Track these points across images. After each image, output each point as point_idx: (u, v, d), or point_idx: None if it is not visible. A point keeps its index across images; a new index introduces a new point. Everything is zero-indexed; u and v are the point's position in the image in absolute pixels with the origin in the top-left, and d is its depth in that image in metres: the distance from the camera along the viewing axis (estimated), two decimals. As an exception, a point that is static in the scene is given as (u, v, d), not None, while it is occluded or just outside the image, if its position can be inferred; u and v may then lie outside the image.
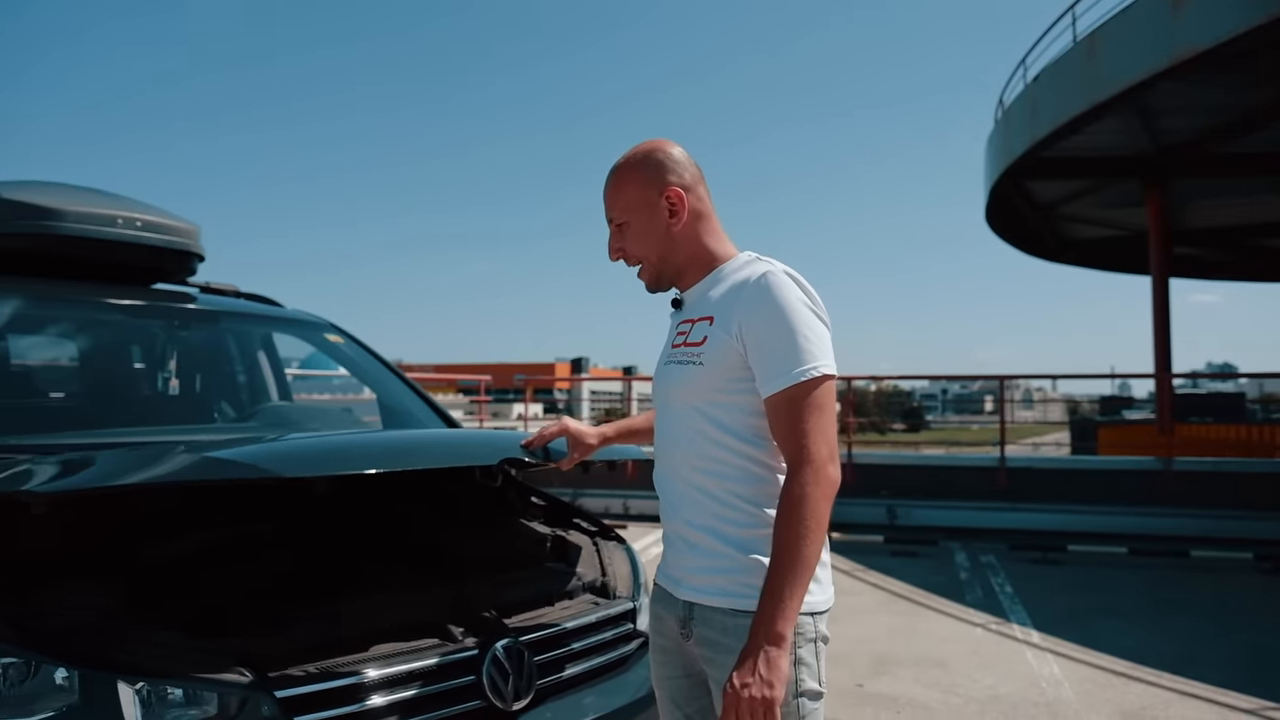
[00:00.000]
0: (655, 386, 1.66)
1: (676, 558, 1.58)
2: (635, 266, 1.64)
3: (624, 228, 1.61)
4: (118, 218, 2.86)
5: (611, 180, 1.62)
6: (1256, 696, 4.04)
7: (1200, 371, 43.55)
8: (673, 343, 1.62)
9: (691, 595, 1.53)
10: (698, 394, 1.53)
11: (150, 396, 3.02)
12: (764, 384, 1.46)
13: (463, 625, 1.83)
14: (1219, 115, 11.33)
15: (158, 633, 1.57)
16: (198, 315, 3.15)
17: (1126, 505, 8.49)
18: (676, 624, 1.57)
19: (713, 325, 1.53)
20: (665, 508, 1.62)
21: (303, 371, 8.99)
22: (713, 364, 1.51)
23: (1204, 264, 19.98)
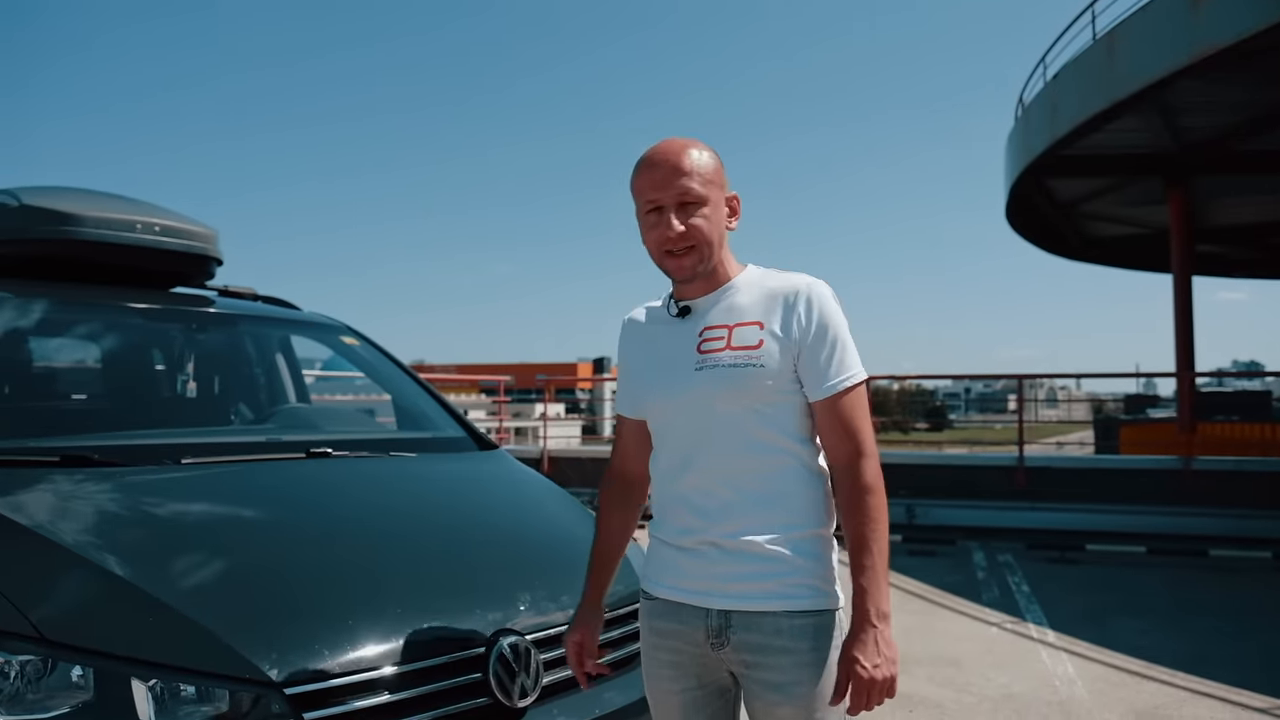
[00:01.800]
0: (674, 394, 1.59)
1: (705, 567, 1.56)
2: (682, 250, 1.57)
3: (693, 206, 1.55)
4: (137, 223, 2.94)
5: (694, 156, 1.56)
6: (1270, 695, 4.02)
7: (1225, 370, 43.04)
8: (699, 348, 1.58)
9: (731, 603, 1.53)
10: (757, 396, 1.54)
11: (170, 399, 3.10)
12: (820, 386, 1.54)
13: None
14: (1240, 112, 11.22)
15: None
16: (216, 318, 3.21)
17: (1145, 504, 8.43)
18: (704, 635, 1.56)
19: (764, 330, 1.55)
20: (688, 518, 1.58)
21: (326, 373, 9.10)
22: (771, 366, 1.53)
23: (1228, 261, 19.76)
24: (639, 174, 1.60)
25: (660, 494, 1.66)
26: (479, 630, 1.86)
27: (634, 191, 1.61)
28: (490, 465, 2.86)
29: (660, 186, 1.55)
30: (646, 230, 1.60)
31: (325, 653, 1.65)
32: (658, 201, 1.56)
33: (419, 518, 2.31)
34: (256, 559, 1.93)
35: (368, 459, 2.64)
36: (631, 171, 1.63)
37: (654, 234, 1.58)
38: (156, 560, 1.83)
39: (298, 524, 2.15)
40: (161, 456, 2.28)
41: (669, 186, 1.55)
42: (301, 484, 2.36)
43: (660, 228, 1.56)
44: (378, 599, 1.84)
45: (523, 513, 2.56)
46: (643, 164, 1.60)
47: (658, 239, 1.58)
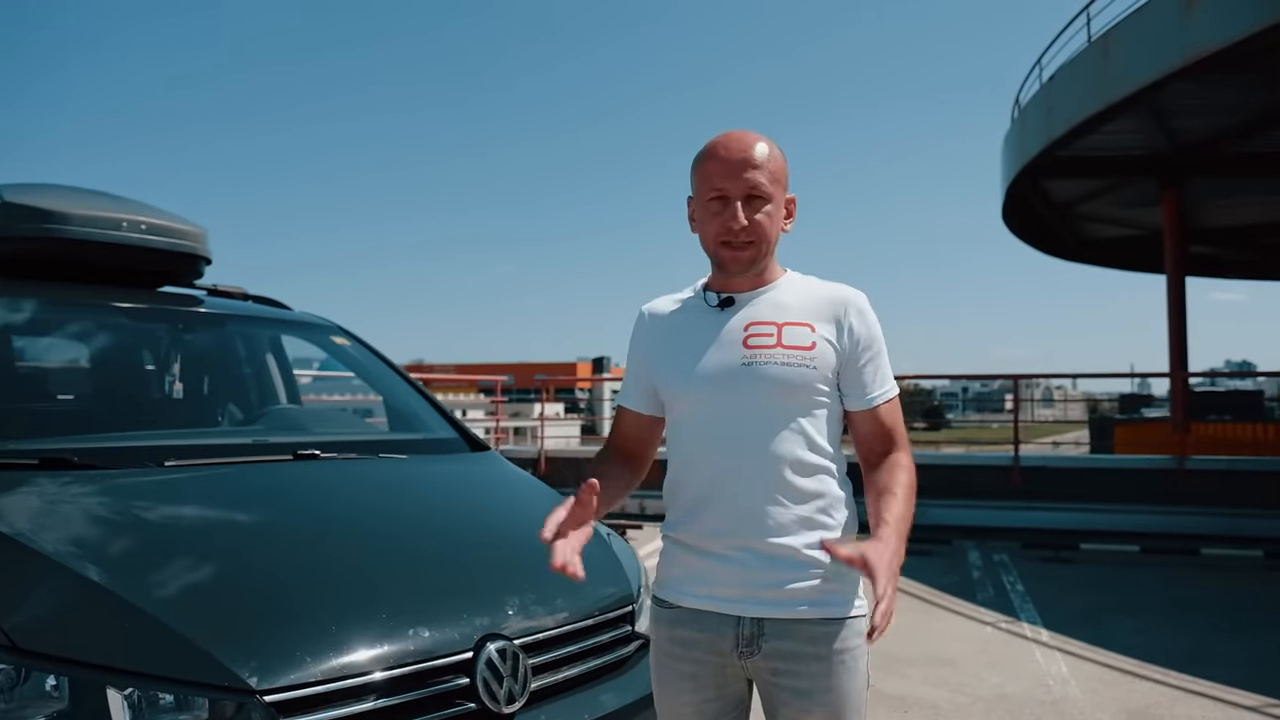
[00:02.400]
0: (717, 388, 1.54)
1: (738, 574, 1.51)
2: (741, 243, 1.54)
3: (759, 201, 1.53)
4: (123, 221, 2.90)
5: (765, 151, 1.54)
6: (1261, 694, 4.01)
7: (1219, 370, 43.15)
8: (746, 342, 1.55)
9: (767, 610, 1.50)
10: (806, 399, 1.53)
11: (157, 400, 3.07)
12: (865, 396, 1.57)
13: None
14: (1234, 115, 11.23)
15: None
16: (204, 318, 3.19)
17: (1139, 504, 8.44)
18: (733, 643, 1.52)
19: (815, 333, 1.55)
20: (720, 520, 1.53)
21: (322, 373, 9.06)
22: (822, 369, 1.53)
23: (1222, 263, 19.79)
24: (708, 160, 1.56)
25: (686, 492, 1.59)
26: (466, 634, 1.83)
27: (698, 177, 1.58)
28: (481, 467, 2.83)
29: (730, 176, 1.52)
30: (706, 218, 1.57)
31: (307, 659, 1.62)
32: (725, 192, 1.53)
33: (406, 520, 2.28)
34: (238, 564, 1.90)
35: (356, 461, 2.61)
36: (697, 156, 1.59)
37: (715, 223, 1.55)
38: (135, 565, 1.81)
39: (282, 527, 2.12)
40: (144, 459, 2.25)
41: (739, 178, 1.52)
42: (287, 486, 2.33)
43: (723, 218, 1.54)
44: (362, 603, 1.81)
45: (513, 515, 2.53)
46: (713, 151, 1.56)
47: (718, 229, 1.55)
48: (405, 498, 2.45)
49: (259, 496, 2.24)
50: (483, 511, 2.52)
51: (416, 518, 2.32)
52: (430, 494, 2.54)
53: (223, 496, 2.20)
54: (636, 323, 1.73)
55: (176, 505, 2.12)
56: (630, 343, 1.73)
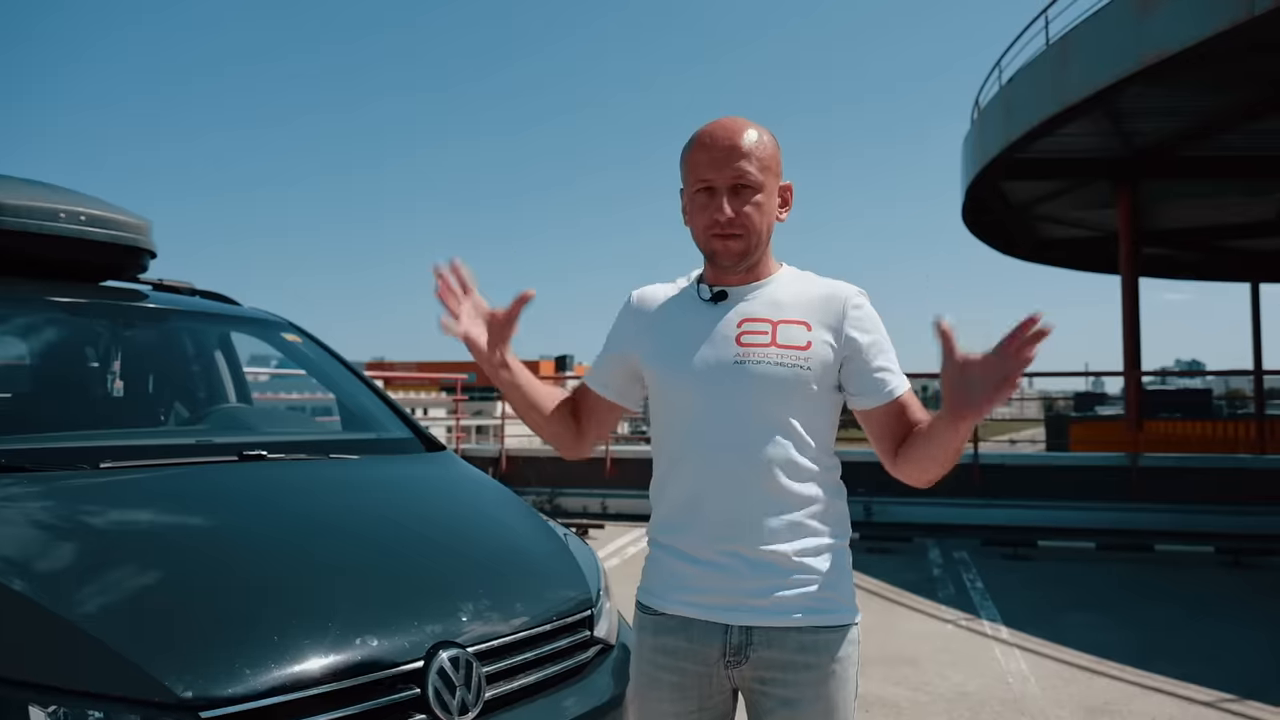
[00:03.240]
0: (707, 385, 1.48)
1: (727, 581, 1.46)
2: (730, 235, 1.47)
3: (747, 191, 1.47)
4: (60, 211, 2.78)
5: (754, 138, 1.48)
6: (1215, 689, 4.08)
7: (1169, 369, 44.17)
8: (739, 339, 1.49)
9: (756, 618, 1.45)
10: (800, 401, 1.47)
11: (96, 398, 2.93)
12: (880, 392, 1.50)
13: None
14: (1187, 119, 11.45)
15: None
16: (148, 313, 3.06)
17: (1095, 501, 8.59)
18: (720, 652, 1.47)
19: (811, 331, 1.48)
20: (709, 526, 1.47)
21: (280, 371, 8.87)
22: (818, 370, 1.47)
23: (1173, 264, 20.22)
24: (693, 150, 1.51)
25: (672, 495, 1.53)
26: (417, 643, 1.75)
27: (685, 167, 1.52)
28: (437, 468, 2.75)
29: (715, 166, 1.47)
30: (695, 211, 1.52)
31: (247, 671, 1.54)
32: (711, 182, 1.48)
33: (355, 524, 2.19)
34: (175, 572, 1.80)
35: (305, 462, 2.51)
36: (684, 146, 1.54)
37: (702, 215, 1.50)
38: (62, 575, 1.71)
39: (223, 533, 2.02)
40: (77, 460, 2.14)
41: (724, 167, 1.46)
42: (230, 489, 2.23)
43: (710, 210, 1.48)
44: (308, 612, 1.73)
45: (468, 518, 2.46)
46: (698, 140, 1.51)
47: (706, 221, 1.49)
48: (355, 501, 2.36)
49: (199, 500, 2.14)
50: (436, 514, 2.43)
51: (366, 521, 2.23)
52: (382, 496, 2.44)
53: (161, 500, 2.10)
54: (624, 307, 1.66)
55: (111, 510, 2.01)
56: (614, 325, 1.66)
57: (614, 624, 2.26)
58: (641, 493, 1.75)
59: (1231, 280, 22.23)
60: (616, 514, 9.63)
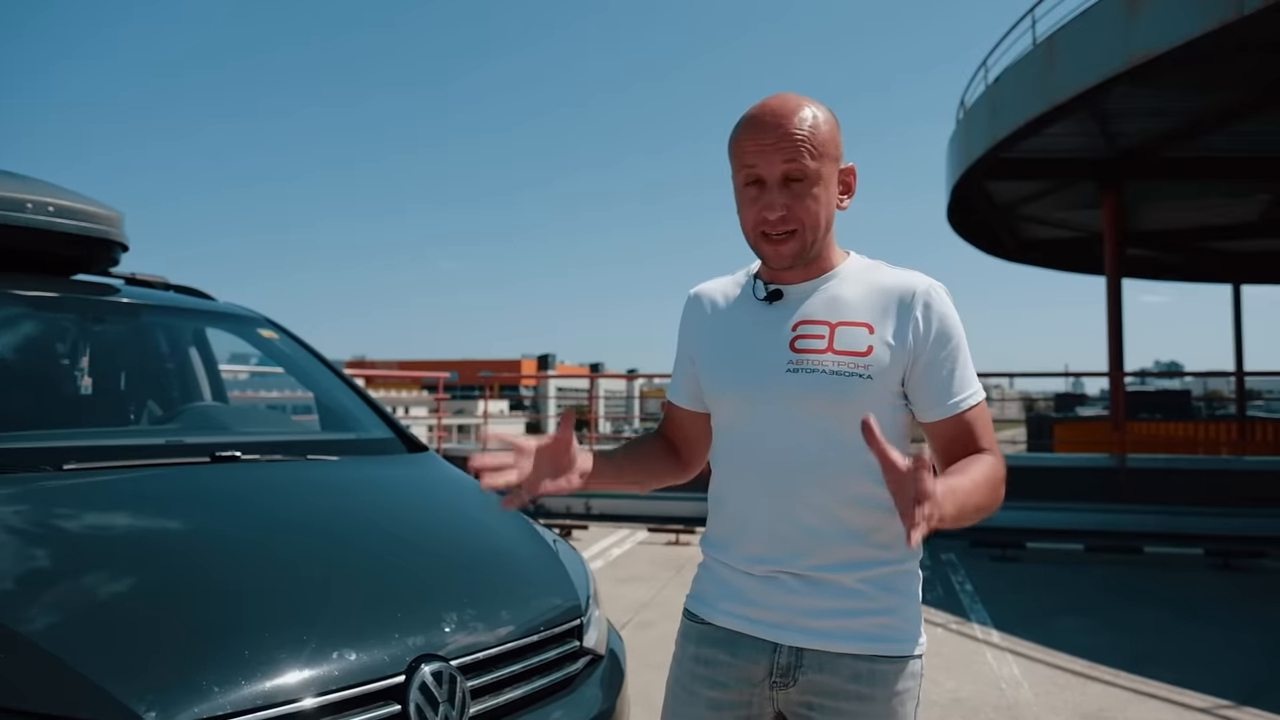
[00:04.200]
0: (758, 396, 1.36)
1: (781, 597, 1.35)
2: (781, 235, 1.33)
3: (801, 183, 1.30)
4: (27, 202, 2.66)
5: (808, 119, 1.30)
6: (1210, 694, 4.03)
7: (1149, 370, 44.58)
8: (793, 344, 1.36)
9: (808, 640, 1.34)
10: (859, 411, 1.28)
11: (62, 396, 2.80)
12: (943, 404, 1.35)
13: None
14: (1172, 119, 11.49)
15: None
16: (118, 308, 2.94)
17: (1083, 502, 8.57)
18: (766, 671, 1.36)
19: (874, 335, 1.34)
20: (763, 545, 1.37)
21: (259, 369, 8.71)
22: (880, 379, 1.33)
23: (1155, 265, 20.35)
24: (741, 135, 1.34)
25: (726, 509, 1.43)
26: (398, 656, 1.65)
27: (732, 155, 1.36)
28: (418, 469, 2.65)
29: (763, 154, 1.30)
30: (743, 204, 1.35)
31: (215, 689, 1.43)
32: (759, 172, 1.32)
33: (333, 530, 2.08)
34: (138, 582, 1.69)
35: (281, 463, 2.41)
36: (732, 130, 1.37)
37: (750, 211, 1.34)
38: (15, 585, 1.59)
39: (192, 539, 1.91)
40: (38, 462, 2.02)
41: (774, 155, 1.30)
42: (201, 493, 2.12)
43: (759, 205, 1.32)
44: (281, 623, 1.62)
45: (452, 523, 2.36)
46: (746, 123, 1.34)
47: (754, 218, 1.34)
48: (333, 504, 2.25)
49: (167, 505, 2.02)
50: (419, 518, 2.33)
51: (345, 526, 2.12)
52: (361, 500, 2.34)
53: (126, 505, 1.98)
54: (685, 307, 1.54)
55: (73, 515, 1.90)
56: (679, 329, 1.55)
57: (603, 633, 2.17)
58: (625, 493, 1.67)
59: (1213, 281, 22.40)
60: (600, 514, 9.52)
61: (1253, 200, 14.98)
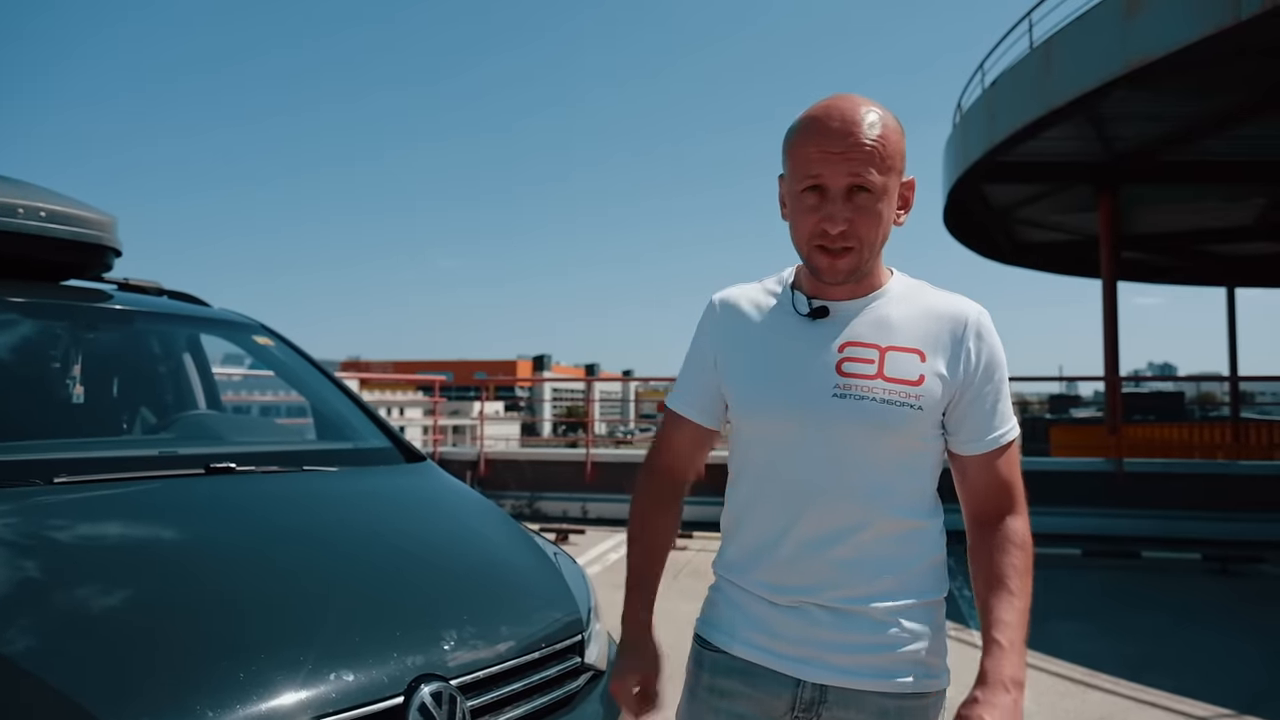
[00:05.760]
0: (800, 419, 1.29)
1: (805, 630, 1.30)
2: (840, 249, 1.25)
3: (866, 195, 1.23)
4: (19, 207, 2.62)
5: (878, 128, 1.22)
6: (1210, 703, 4.02)
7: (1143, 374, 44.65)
8: (840, 367, 1.29)
9: (834, 677, 1.29)
10: (906, 442, 1.28)
11: (53, 405, 2.76)
12: (982, 439, 1.32)
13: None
14: (1169, 123, 11.50)
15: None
16: (110, 314, 2.90)
17: (1080, 506, 8.56)
18: (788, 706, 1.31)
19: (925, 362, 1.28)
20: (789, 573, 1.31)
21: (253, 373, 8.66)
22: (929, 410, 1.28)
23: (1150, 268, 20.38)
24: (804, 137, 1.25)
25: (748, 534, 1.37)
26: (397, 676, 1.61)
27: (792, 158, 1.27)
28: (416, 480, 2.61)
29: (829, 163, 1.22)
30: (799, 211, 1.27)
31: (209, 713, 1.39)
32: (822, 180, 1.23)
33: (329, 544, 2.04)
34: (129, 600, 1.65)
35: (277, 475, 2.36)
36: (791, 129, 1.28)
37: (808, 220, 1.26)
38: (4, 606, 1.55)
39: (185, 555, 1.87)
40: (28, 474, 1.98)
41: (841, 165, 1.21)
42: (194, 507, 2.07)
43: (818, 216, 1.25)
44: (277, 643, 1.59)
45: (452, 536, 2.32)
46: (812, 127, 1.24)
47: (812, 229, 1.26)
48: (331, 517, 2.21)
49: (161, 520, 1.98)
50: (418, 531, 2.29)
51: (343, 540, 2.08)
52: (359, 513, 2.30)
53: (118, 521, 1.94)
54: (705, 314, 1.45)
55: (63, 531, 1.86)
56: (695, 336, 1.47)
57: (604, 647, 2.14)
58: (621, 496, 1.64)
59: (1208, 284, 22.45)
60: (597, 519, 9.48)
61: (1248, 204, 15.01)
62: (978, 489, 1.34)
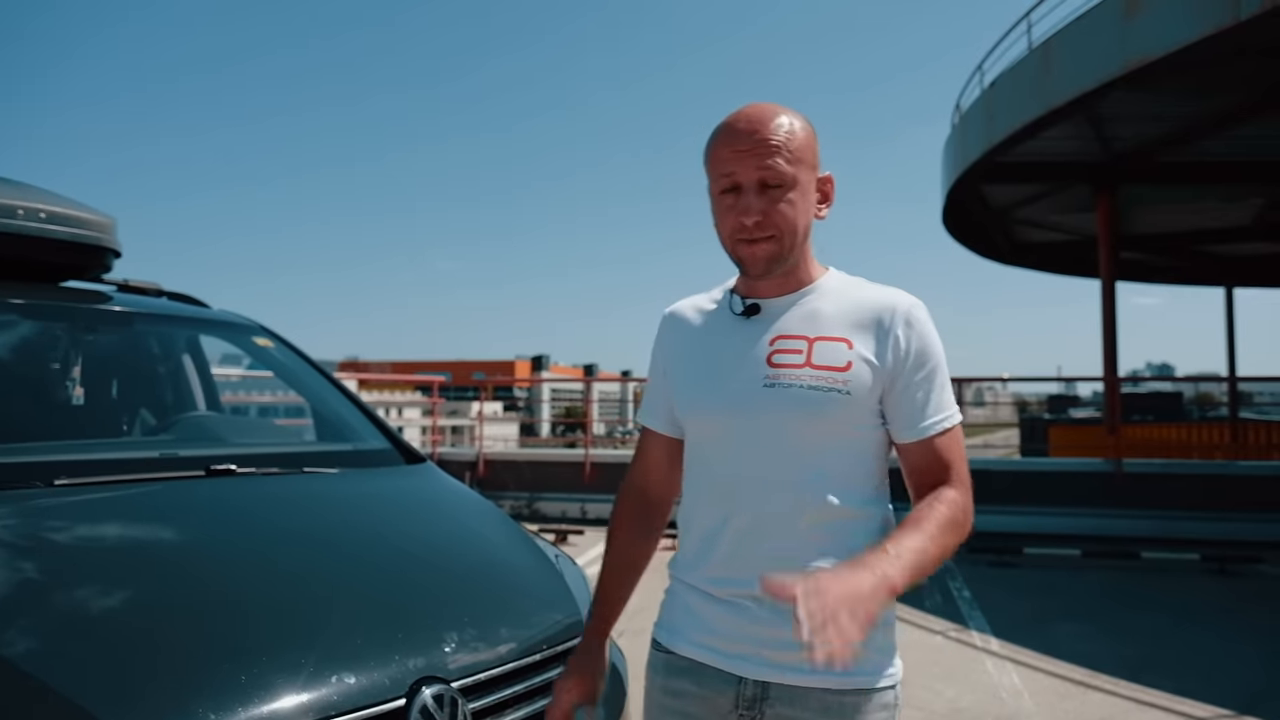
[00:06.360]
0: (734, 412, 1.33)
1: (743, 626, 1.32)
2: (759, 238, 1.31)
3: (778, 189, 1.30)
4: (18, 208, 2.62)
5: (783, 126, 1.30)
6: (1209, 703, 4.03)
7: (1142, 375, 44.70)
8: (770, 359, 1.33)
9: (773, 673, 1.30)
10: (837, 428, 1.31)
11: (53, 407, 2.75)
12: (916, 426, 1.33)
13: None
14: (1167, 123, 11.51)
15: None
16: (110, 316, 2.89)
17: (1079, 507, 8.57)
18: (732, 704, 1.33)
19: (853, 350, 1.32)
20: (728, 566, 1.34)
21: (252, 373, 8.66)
22: (859, 395, 1.30)
23: (1148, 268, 20.40)
24: (717, 143, 1.34)
25: (694, 529, 1.41)
26: (398, 679, 1.61)
27: (709, 164, 1.36)
28: (417, 481, 2.60)
29: (740, 160, 1.30)
30: (720, 212, 1.35)
31: (211, 716, 1.39)
32: (735, 178, 1.31)
33: (330, 546, 2.04)
34: (130, 603, 1.65)
35: (277, 477, 2.36)
36: (708, 140, 1.37)
37: (728, 218, 1.33)
38: (6, 609, 1.55)
39: (186, 558, 1.87)
40: (30, 477, 1.97)
41: (750, 161, 1.29)
42: (195, 510, 2.07)
43: (736, 211, 1.31)
44: (279, 646, 1.58)
45: (451, 537, 2.31)
46: (722, 132, 1.34)
47: (732, 224, 1.32)
48: (331, 520, 2.21)
49: (162, 523, 1.98)
50: (419, 533, 2.29)
51: (341, 543, 2.07)
52: (359, 515, 2.29)
53: (120, 523, 1.93)
54: (660, 327, 1.52)
55: (64, 534, 1.85)
56: (653, 350, 1.52)
57: (606, 649, 2.14)
58: None
59: (1206, 285, 22.47)
60: (596, 519, 9.49)
61: (1246, 204, 15.02)
62: (918, 472, 1.35)
